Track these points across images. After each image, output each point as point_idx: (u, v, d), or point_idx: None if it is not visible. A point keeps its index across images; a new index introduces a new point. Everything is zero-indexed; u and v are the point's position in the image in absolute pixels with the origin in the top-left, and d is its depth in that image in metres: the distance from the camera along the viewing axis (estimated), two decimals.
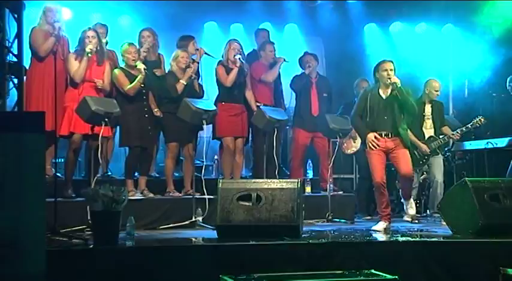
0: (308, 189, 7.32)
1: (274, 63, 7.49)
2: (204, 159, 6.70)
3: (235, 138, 7.13)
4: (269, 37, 7.97)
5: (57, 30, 6.30)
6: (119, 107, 6.16)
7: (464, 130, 7.16)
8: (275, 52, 7.55)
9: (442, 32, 9.63)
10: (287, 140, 8.34)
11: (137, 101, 6.61)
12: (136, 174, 6.79)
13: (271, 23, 8.94)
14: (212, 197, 6.12)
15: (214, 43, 8.27)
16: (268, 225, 5.22)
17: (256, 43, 7.99)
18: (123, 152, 7.06)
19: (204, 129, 6.79)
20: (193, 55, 7.09)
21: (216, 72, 7.13)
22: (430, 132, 7.23)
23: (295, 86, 7.70)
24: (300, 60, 7.73)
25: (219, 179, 5.93)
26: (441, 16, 9.38)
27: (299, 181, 5.46)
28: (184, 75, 6.75)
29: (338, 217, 6.84)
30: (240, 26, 9.14)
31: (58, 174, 6.21)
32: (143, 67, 6.53)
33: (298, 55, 7.87)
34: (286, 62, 7.55)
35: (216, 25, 9.16)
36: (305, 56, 7.70)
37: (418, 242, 5.26)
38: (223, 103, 7.06)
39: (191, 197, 6.39)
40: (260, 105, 7.22)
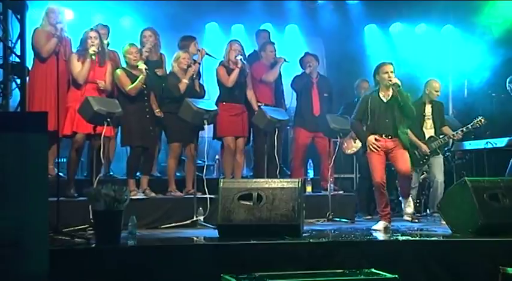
0: (309, 188, 7.35)
1: (274, 63, 7.50)
2: (206, 159, 6.71)
3: (235, 138, 7.14)
4: (270, 38, 7.97)
5: (59, 31, 6.32)
6: (121, 107, 6.16)
7: (464, 130, 7.16)
8: (275, 52, 7.56)
9: (442, 33, 9.64)
10: (288, 140, 8.34)
11: (138, 102, 6.62)
12: (138, 174, 6.80)
13: (272, 24, 8.96)
14: (213, 196, 6.14)
15: (215, 44, 8.28)
16: (269, 224, 5.24)
17: (257, 44, 8.00)
18: (125, 152, 7.07)
19: (205, 129, 6.79)
20: (194, 55, 7.10)
21: (217, 72, 7.14)
22: (431, 132, 7.24)
23: (296, 86, 7.71)
24: (301, 60, 7.74)
25: (220, 178, 5.96)
26: (441, 17, 9.39)
27: (300, 181, 5.48)
28: (186, 74, 6.77)
29: (339, 217, 6.85)
30: (241, 27, 9.16)
31: (60, 174, 6.21)
32: (144, 67, 6.55)
33: (298, 55, 7.87)
34: (286, 62, 7.56)
35: (217, 26, 9.18)
36: (306, 57, 7.71)
37: (418, 241, 5.28)
38: (224, 103, 7.08)
39: (192, 196, 6.39)
40: (261, 105, 7.23)
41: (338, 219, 6.82)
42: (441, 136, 7.21)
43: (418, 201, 7.54)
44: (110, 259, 4.51)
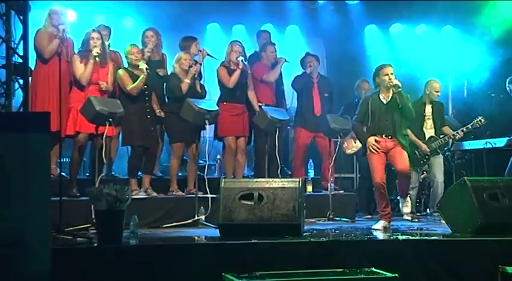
0: (309, 188, 7.36)
1: (275, 63, 7.52)
2: (207, 159, 6.73)
3: (236, 137, 7.16)
4: (270, 38, 7.99)
5: (61, 32, 6.31)
6: (122, 107, 6.17)
7: (465, 130, 7.18)
8: (276, 53, 7.58)
9: (442, 34, 9.65)
10: (288, 140, 8.35)
11: (139, 101, 6.64)
12: (140, 173, 6.81)
13: (272, 25, 8.98)
14: (215, 196, 6.15)
15: (216, 44, 8.29)
16: (270, 224, 5.25)
17: (257, 44, 8.02)
18: (126, 151, 7.06)
19: (207, 129, 6.81)
20: (195, 56, 7.12)
21: (218, 73, 7.17)
22: (431, 132, 7.26)
23: (296, 86, 7.73)
24: (302, 60, 7.77)
25: (222, 178, 5.97)
26: (440, 18, 9.40)
27: (300, 180, 5.49)
28: (187, 74, 6.78)
29: (339, 216, 6.88)
30: (242, 28, 9.18)
31: (63, 173, 6.21)
32: (145, 67, 6.56)
33: (299, 56, 7.89)
34: (287, 63, 7.57)
35: (219, 26, 9.19)
36: (306, 57, 7.74)
37: (418, 240, 5.28)
38: (224, 103, 7.10)
39: (194, 196, 6.41)
40: (262, 105, 7.25)
41: (338, 218, 6.84)
42: (441, 136, 7.23)
43: (418, 201, 7.57)
44: (112, 258, 4.52)
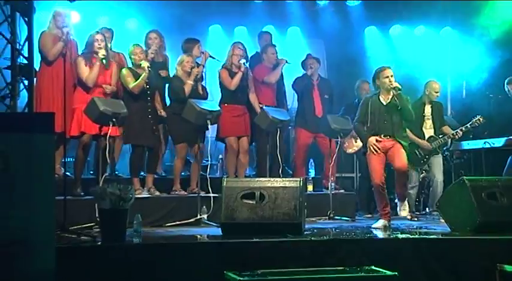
0: (310, 187, 7.38)
1: (276, 65, 7.54)
2: (209, 158, 6.76)
3: (238, 138, 7.19)
4: (271, 40, 8.00)
5: (65, 35, 6.34)
6: (126, 107, 6.22)
7: (464, 129, 7.20)
8: (277, 54, 7.60)
9: (441, 35, 9.67)
10: (289, 140, 8.37)
11: (141, 101, 6.65)
12: (142, 173, 6.84)
13: (274, 26, 9.00)
14: (217, 195, 6.19)
15: (218, 46, 8.32)
16: (271, 223, 5.29)
17: (259, 45, 8.04)
18: (129, 151, 7.10)
19: (209, 129, 6.84)
20: (197, 58, 7.15)
21: (220, 76, 7.20)
22: (430, 132, 7.29)
23: (297, 87, 7.77)
24: (303, 62, 7.79)
25: (224, 177, 5.98)
26: (440, 19, 9.42)
27: (301, 180, 5.53)
28: (190, 76, 6.82)
29: (339, 215, 6.90)
30: (244, 29, 9.19)
31: (67, 173, 6.24)
32: (147, 65, 6.57)
33: (300, 57, 7.92)
34: (288, 64, 7.59)
35: (221, 28, 9.21)
36: (307, 59, 7.76)
37: (418, 239, 5.30)
38: (226, 105, 7.12)
39: (196, 195, 6.44)
40: (262, 106, 7.27)
41: (339, 217, 6.87)
42: (440, 136, 7.26)
43: (418, 200, 7.60)
44: (116, 257, 4.56)
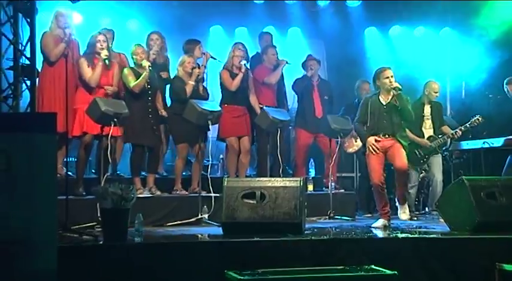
0: (310, 187, 7.41)
1: (277, 66, 7.56)
2: (210, 158, 6.78)
3: (239, 137, 7.21)
4: (272, 41, 8.03)
5: (67, 36, 6.38)
6: (127, 107, 6.24)
7: (463, 129, 7.22)
8: (277, 55, 7.62)
9: (440, 35, 9.69)
10: (290, 140, 8.38)
11: (141, 101, 6.67)
12: (143, 173, 6.86)
13: (274, 27, 9.02)
14: (218, 195, 6.18)
15: (219, 46, 8.35)
16: (271, 222, 5.31)
17: (260, 46, 8.06)
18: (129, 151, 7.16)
19: (210, 129, 6.86)
20: (199, 59, 7.17)
21: (221, 76, 7.22)
22: (430, 132, 7.31)
23: (297, 88, 7.80)
24: (303, 63, 7.82)
25: (225, 177, 6.01)
26: (439, 20, 9.43)
27: (301, 180, 5.54)
28: (191, 76, 6.84)
29: (340, 214, 6.92)
30: (245, 30, 9.21)
31: (69, 173, 6.27)
32: (148, 64, 6.59)
33: (300, 58, 7.94)
34: (288, 65, 7.61)
35: (221, 29, 9.23)
36: (308, 60, 7.78)
37: (417, 238, 5.31)
38: (226, 105, 7.14)
39: (197, 195, 6.46)
40: (263, 106, 7.29)
41: (339, 217, 6.89)
42: (440, 136, 7.28)
43: (417, 199, 7.62)
44: (117, 256, 4.58)
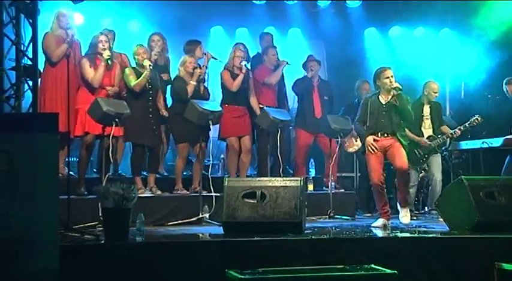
0: (310, 187, 7.42)
1: (277, 66, 7.58)
2: (211, 158, 6.79)
3: (239, 137, 7.23)
4: (272, 41, 8.05)
5: (70, 37, 6.40)
6: (128, 107, 6.27)
7: (462, 129, 7.24)
8: (278, 56, 7.64)
9: (439, 36, 9.70)
10: (290, 140, 8.39)
11: (142, 101, 6.68)
12: (144, 173, 6.88)
13: (275, 27, 9.03)
14: (218, 194, 6.21)
15: (220, 47, 8.38)
16: (272, 222, 5.34)
17: (260, 46, 8.08)
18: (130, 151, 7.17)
19: (211, 129, 6.87)
20: (200, 59, 7.18)
21: (222, 77, 7.24)
22: (429, 132, 7.34)
23: (297, 89, 7.82)
24: (304, 64, 7.84)
25: (225, 177, 6.04)
26: (438, 21, 9.45)
27: (302, 179, 5.56)
28: (193, 76, 6.86)
29: (340, 214, 6.95)
30: (245, 30, 9.23)
31: (71, 172, 6.29)
32: (149, 64, 6.60)
33: (301, 58, 7.96)
34: (289, 65, 7.63)
35: (222, 29, 9.25)
36: (308, 61, 7.80)
37: (417, 238, 5.33)
38: (227, 105, 7.15)
39: (198, 194, 6.48)
40: (263, 106, 7.32)
41: (339, 216, 6.92)
42: (439, 135, 7.30)
43: (417, 199, 7.65)
44: (119, 255, 4.61)
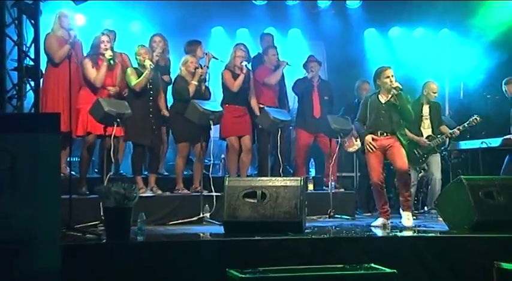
0: (310, 186, 7.44)
1: (277, 66, 7.61)
2: (212, 158, 6.82)
3: (239, 137, 7.25)
4: (273, 42, 8.07)
5: (72, 38, 6.43)
6: (129, 105, 6.29)
7: (461, 129, 7.27)
8: (278, 56, 7.66)
9: (439, 37, 9.73)
10: (290, 140, 8.42)
11: (143, 101, 6.70)
12: (145, 172, 6.91)
13: (275, 28, 9.05)
14: (219, 194, 6.25)
15: (221, 47, 8.40)
16: (272, 221, 5.36)
17: (261, 47, 8.10)
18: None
19: (212, 129, 6.89)
20: (201, 59, 7.21)
21: (223, 77, 7.26)
22: (428, 132, 7.36)
23: (297, 89, 7.84)
24: (304, 64, 7.86)
25: (226, 177, 6.06)
26: (438, 21, 9.47)
27: (302, 179, 5.58)
28: (194, 76, 6.89)
29: (339, 214, 6.97)
30: (246, 31, 9.25)
31: (73, 172, 6.31)
32: (149, 63, 6.62)
33: (301, 59, 7.99)
34: (289, 66, 7.66)
35: (223, 30, 9.28)
36: (309, 62, 7.83)
37: (416, 237, 5.38)
38: (227, 105, 7.18)
39: (199, 194, 6.51)
40: (264, 106, 7.34)
41: (339, 216, 6.95)
42: (438, 135, 7.33)
43: (416, 198, 7.67)
44: (120, 254, 4.63)
